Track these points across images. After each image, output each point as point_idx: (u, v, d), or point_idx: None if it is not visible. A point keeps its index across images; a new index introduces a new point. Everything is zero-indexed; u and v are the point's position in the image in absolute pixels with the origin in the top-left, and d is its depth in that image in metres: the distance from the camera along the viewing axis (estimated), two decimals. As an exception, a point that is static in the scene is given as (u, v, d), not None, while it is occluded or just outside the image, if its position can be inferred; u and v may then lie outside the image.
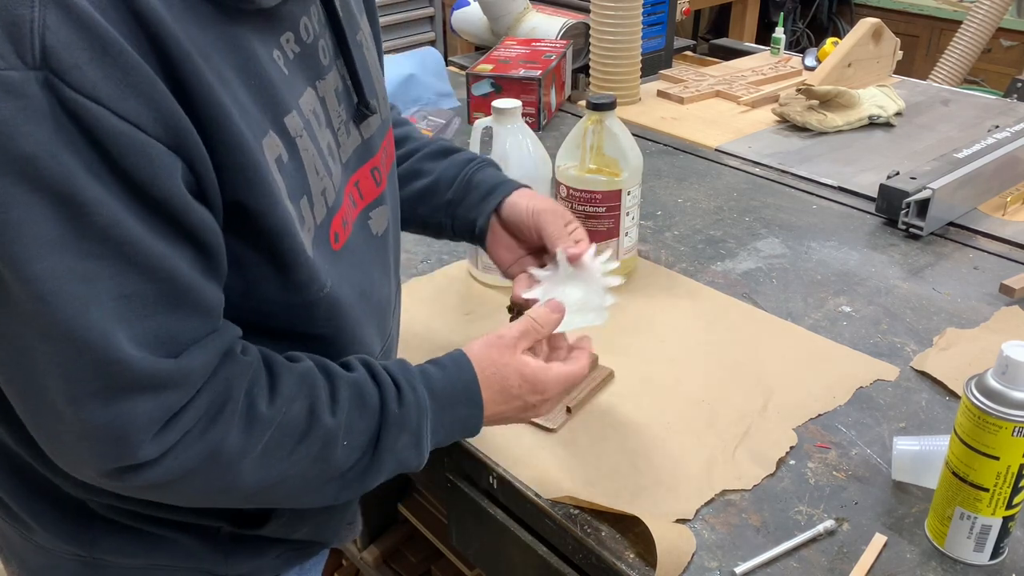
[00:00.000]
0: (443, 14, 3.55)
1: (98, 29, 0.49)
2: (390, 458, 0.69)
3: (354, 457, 0.67)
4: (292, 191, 0.63)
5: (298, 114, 0.64)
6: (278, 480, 0.64)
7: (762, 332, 1.06)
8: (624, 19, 1.70)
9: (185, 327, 0.58)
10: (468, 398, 0.73)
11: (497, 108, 1.08)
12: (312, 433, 0.64)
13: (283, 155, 0.62)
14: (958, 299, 1.12)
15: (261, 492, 0.64)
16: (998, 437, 0.68)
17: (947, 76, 2.50)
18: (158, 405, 0.57)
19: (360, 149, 0.75)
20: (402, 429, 0.69)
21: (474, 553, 0.99)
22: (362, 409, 0.68)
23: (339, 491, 0.69)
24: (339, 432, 0.66)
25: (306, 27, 0.66)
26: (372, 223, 0.78)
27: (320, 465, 0.66)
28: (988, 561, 0.74)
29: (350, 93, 0.72)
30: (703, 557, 0.75)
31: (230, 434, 0.61)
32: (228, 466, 0.61)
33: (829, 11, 3.98)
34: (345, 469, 0.67)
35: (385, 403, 0.69)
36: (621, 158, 1.10)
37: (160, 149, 0.52)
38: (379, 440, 0.68)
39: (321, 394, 0.66)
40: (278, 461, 0.63)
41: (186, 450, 0.59)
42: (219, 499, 0.66)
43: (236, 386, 0.62)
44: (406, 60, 1.82)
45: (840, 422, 0.91)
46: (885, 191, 1.31)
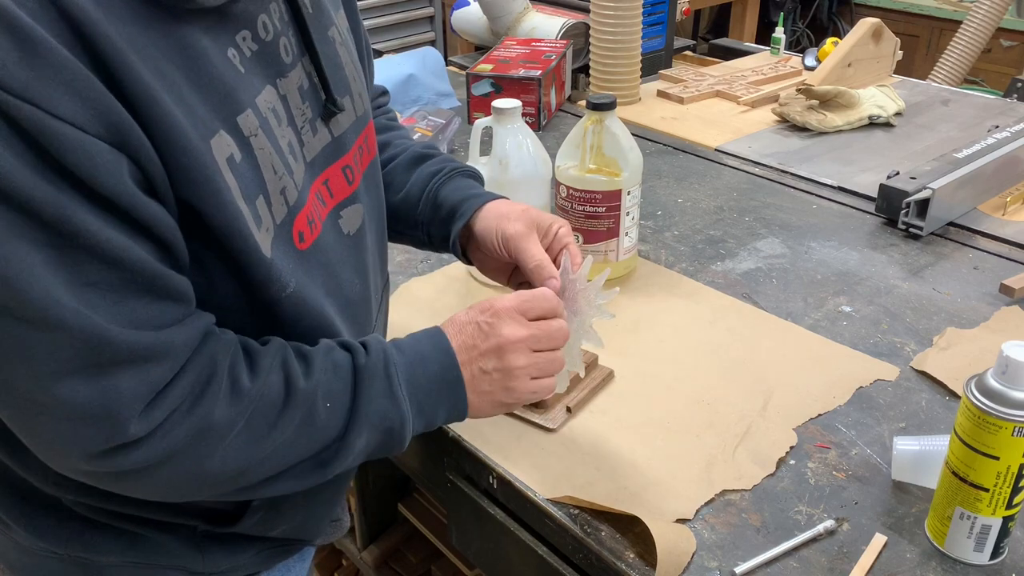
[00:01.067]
0: (443, 14, 3.55)
1: (25, 29, 0.48)
2: (370, 411, 0.68)
3: (337, 418, 0.67)
4: (246, 191, 0.62)
5: (254, 113, 0.63)
6: (264, 455, 0.64)
7: (762, 332, 1.06)
8: (624, 19, 1.70)
9: (159, 310, 0.58)
10: (432, 341, 0.73)
11: (497, 108, 1.08)
12: (292, 400, 0.64)
13: (235, 154, 0.61)
14: (958, 299, 1.12)
15: (248, 471, 0.64)
16: (998, 437, 0.68)
17: (947, 76, 2.50)
18: (142, 380, 0.57)
19: (330, 147, 0.73)
20: (373, 377, 0.69)
21: (474, 553, 0.99)
22: (336, 370, 0.68)
23: (331, 459, 0.68)
24: (317, 394, 0.66)
25: (265, 25, 0.65)
26: (343, 222, 0.76)
27: (307, 432, 0.66)
28: (988, 561, 0.74)
29: (317, 90, 0.71)
30: (703, 557, 0.75)
31: (216, 409, 0.61)
32: (216, 443, 0.61)
33: (829, 11, 3.98)
34: (332, 433, 0.67)
35: (355, 360, 0.69)
36: (621, 158, 1.10)
37: (101, 146, 0.52)
38: (355, 394, 0.68)
39: (294, 363, 0.66)
40: (263, 434, 0.63)
41: (174, 428, 0.59)
42: (203, 483, 0.64)
43: (220, 362, 0.62)
44: (406, 60, 1.82)
45: (840, 422, 0.91)
46: (885, 191, 1.31)
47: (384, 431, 0.70)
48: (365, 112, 0.80)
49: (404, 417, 0.70)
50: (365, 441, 0.69)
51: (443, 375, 0.72)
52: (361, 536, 1.59)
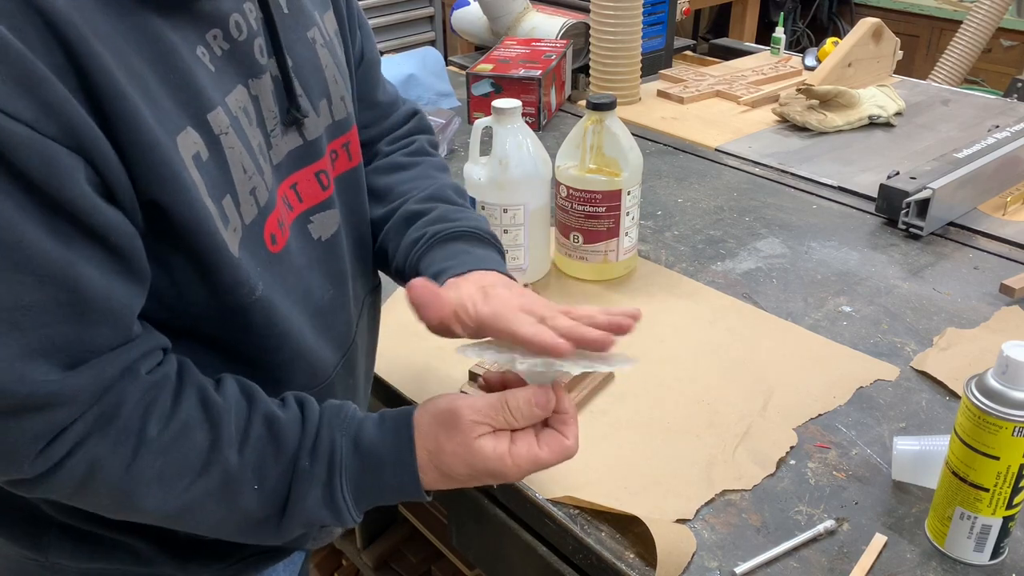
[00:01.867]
0: (443, 14, 3.55)
1: None
2: (300, 513, 0.65)
3: (268, 505, 0.64)
4: (213, 189, 0.60)
5: (224, 111, 0.61)
6: (183, 510, 0.62)
7: (762, 332, 1.06)
8: (624, 19, 1.70)
9: (90, 336, 0.56)
10: (399, 466, 0.66)
11: (497, 108, 1.08)
12: (212, 468, 0.61)
13: (202, 152, 0.59)
14: (958, 299, 1.12)
15: (171, 519, 0.63)
16: (998, 437, 0.68)
17: (947, 76, 2.50)
18: (44, 422, 0.55)
19: (299, 151, 0.71)
20: (311, 483, 0.64)
21: (474, 553, 0.99)
22: (276, 455, 0.64)
23: (256, 534, 0.66)
24: (246, 473, 0.62)
25: (237, 24, 0.63)
26: (313, 227, 0.73)
27: (226, 505, 0.63)
28: (988, 561, 0.74)
29: (282, 94, 0.69)
30: (703, 557, 0.75)
31: (113, 454, 0.58)
32: (114, 485, 0.59)
33: (829, 11, 3.98)
34: (259, 516, 0.64)
35: (299, 453, 0.64)
36: (621, 158, 1.10)
37: (57, 149, 0.50)
38: (289, 494, 0.64)
39: (228, 428, 0.62)
40: (178, 491, 0.61)
41: (72, 464, 0.57)
42: (131, 517, 0.63)
43: (127, 404, 0.59)
44: (406, 60, 1.82)
45: (840, 422, 0.91)
46: (885, 191, 1.31)
47: (321, 529, 0.69)
48: (347, 117, 0.78)
49: (344, 520, 0.67)
50: (302, 530, 0.67)
51: (399, 490, 0.67)
52: (361, 536, 1.59)
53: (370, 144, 0.91)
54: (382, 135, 0.93)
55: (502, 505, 0.88)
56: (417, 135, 0.95)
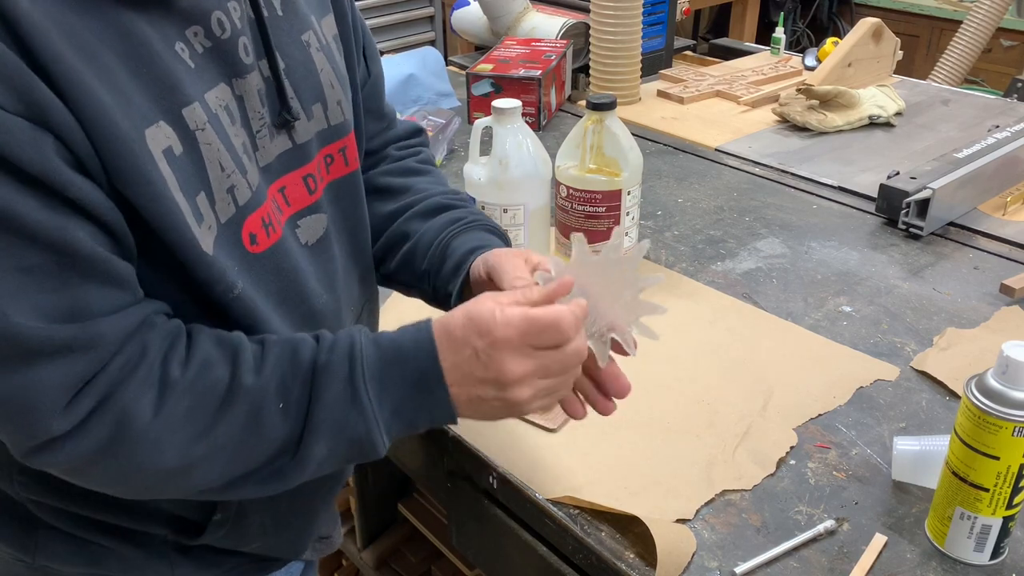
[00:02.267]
0: (443, 14, 3.55)
1: None
2: (329, 418, 0.62)
3: (291, 423, 0.62)
4: (186, 185, 0.60)
5: (202, 107, 0.61)
6: (210, 452, 0.60)
7: (762, 332, 1.06)
8: (624, 19, 1.70)
9: (98, 297, 0.56)
10: (416, 339, 0.64)
11: (497, 108, 1.08)
12: (234, 396, 0.60)
13: (175, 147, 0.59)
14: (958, 299, 1.12)
15: (194, 468, 0.60)
16: (998, 437, 0.68)
17: (947, 76, 2.50)
18: (67, 371, 0.55)
19: (289, 154, 0.71)
20: (333, 379, 0.62)
21: (474, 553, 0.99)
22: (295, 367, 0.63)
23: (287, 467, 0.63)
24: (267, 393, 0.61)
25: (220, 22, 0.63)
26: (300, 232, 0.73)
27: (255, 433, 0.61)
28: (988, 561, 0.74)
29: (274, 96, 0.69)
30: (703, 557, 0.75)
31: (143, 400, 0.58)
32: (146, 436, 0.58)
33: (829, 11, 3.98)
34: (285, 438, 0.62)
35: (317, 357, 0.63)
36: (621, 158, 1.10)
37: (20, 123, 0.50)
38: (311, 398, 0.62)
39: (246, 356, 0.62)
40: (204, 430, 0.60)
41: (100, 419, 0.57)
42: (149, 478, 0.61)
43: (152, 349, 0.59)
44: (406, 60, 1.82)
45: (840, 422, 0.91)
46: (885, 191, 1.31)
47: (348, 441, 0.63)
48: (344, 122, 0.77)
49: (371, 426, 0.63)
50: (327, 450, 0.63)
51: (424, 382, 0.64)
52: (361, 536, 1.59)
53: (378, 149, 0.93)
54: (389, 142, 0.94)
55: (502, 505, 0.88)
56: (423, 148, 0.97)
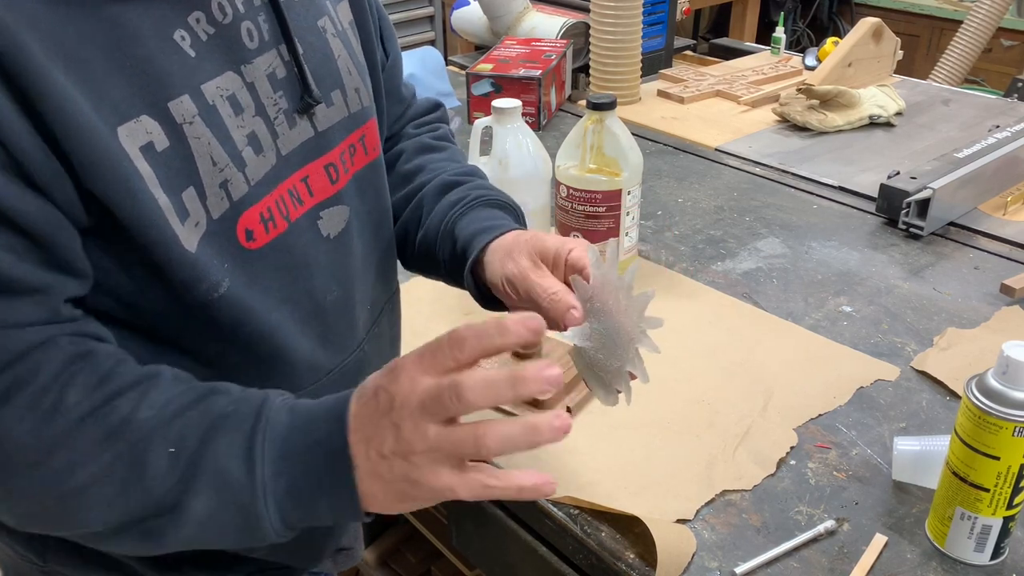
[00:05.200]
0: (443, 14, 3.55)
1: None
2: (210, 466, 0.54)
3: (176, 470, 0.54)
4: (170, 181, 0.57)
5: (192, 99, 0.59)
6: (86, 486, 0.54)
7: (762, 332, 1.06)
8: (624, 19, 1.70)
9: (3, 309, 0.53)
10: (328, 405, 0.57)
11: (497, 108, 1.08)
12: (124, 429, 0.54)
13: (158, 142, 0.57)
14: (958, 299, 1.12)
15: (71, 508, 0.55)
16: (998, 437, 0.68)
17: (947, 76, 2.50)
18: None
19: (311, 143, 0.69)
20: (230, 429, 0.56)
21: (474, 553, 0.99)
22: (202, 414, 0.56)
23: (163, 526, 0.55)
24: (159, 432, 0.55)
25: (221, 7, 0.61)
26: (323, 223, 0.70)
27: (136, 473, 0.54)
28: (988, 561, 0.74)
29: (295, 81, 0.67)
30: (703, 557, 0.75)
31: (22, 421, 0.53)
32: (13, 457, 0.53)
33: (829, 11, 3.98)
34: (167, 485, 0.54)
35: (224, 406, 0.57)
36: (621, 158, 1.10)
37: None
38: (202, 442, 0.55)
39: (156, 392, 0.57)
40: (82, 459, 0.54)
41: None
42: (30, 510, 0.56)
43: (46, 371, 0.54)
44: (406, 60, 1.81)
45: (840, 422, 0.91)
46: (885, 191, 1.30)
47: (233, 505, 0.55)
48: (363, 110, 0.76)
49: (256, 489, 0.54)
50: (206, 509, 0.55)
51: (327, 449, 0.55)
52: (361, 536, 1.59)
53: (397, 131, 0.92)
54: (407, 122, 0.94)
55: (502, 505, 0.88)
56: (441, 124, 0.96)
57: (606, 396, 0.70)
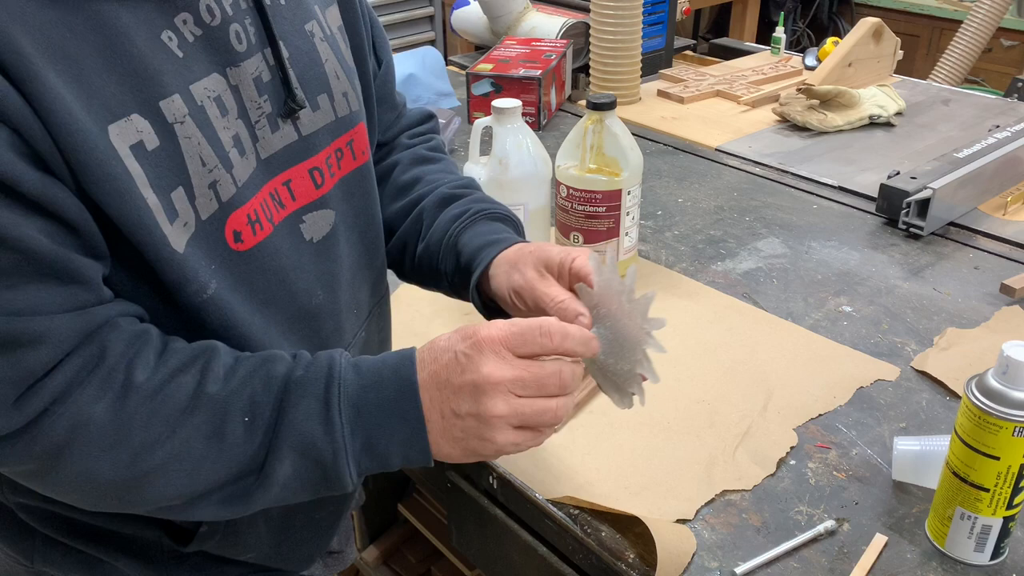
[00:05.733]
0: (443, 14, 3.55)
1: None
2: (295, 433, 0.58)
3: (255, 437, 0.58)
4: (159, 180, 0.57)
5: (183, 99, 0.59)
6: (167, 461, 0.57)
7: (762, 332, 1.06)
8: (624, 18, 1.70)
9: (53, 295, 0.54)
10: (396, 365, 0.61)
11: (497, 108, 1.08)
12: (200, 404, 0.57)
13: (148, 141, 0.57)
14: (958, 299, 1.12)
15: (151, 478, 0.57)
16: (998, 437, 0.68)
17: (947, 76, 2.50)
18: (13, 367, 0.52)
19: (295, 147, 0.69)
20: (304, 394, 0.59)
21: (474, 553, 0.99)
22: (267, 382, 0.60)
23: (250, 487, 0.60)
24: (231, 404, 0.58)
25: (209, 9, 0.61)
26: (305, 228, 0.71)
27: (216, 446, 0.57)
28: (988, 561, 0.74)
29: (279, 85, 0.67)
30: (703, 557, 0.75)
31: (99, 402, 0.55)
32: (103, 439, 0.55)
33: (829, 11, 3.98)
34: (249, 453, 0.58)
35: (291, 370, 0.60)
36: (621, 158, 1.10)
37: None
38: (279, 411, 0.59)
39: (215, 365, 0.59)
40: (164, 438, 0.56)
41: (53, 421, 0.54)
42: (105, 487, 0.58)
43: (112, 351, 0.56)
44: (406, 60, 1.82)
45: (840, 422, 0.91)
46: (885, 191, 1.30)
47: (315, 463, 0.60)
48: (351, 114, 0.76)
49: (337, 448, 0.59)
50: (291, 470, 0.59)
51: (399, 407, 0.60)
52: (361, 536, 1.59)
53: (390, 140, 0.92)
54: (401, 131, 0.94)
55: (502, 505, 0.88)
56: (434, 135, 0.96)
57: (621, 400, 0.71)
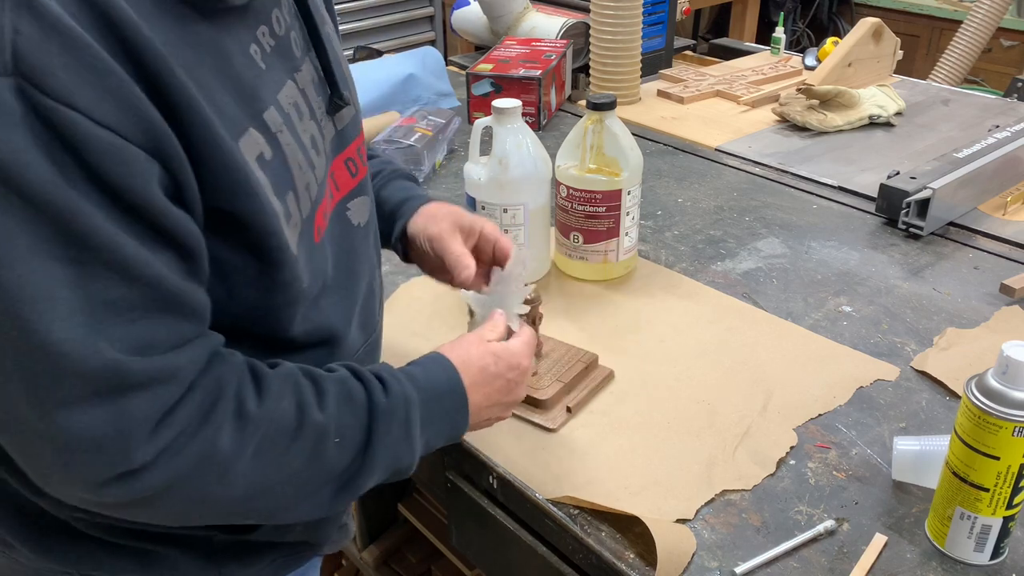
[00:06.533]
0: (443, 14, 3.55)
1: (71, 33, 0.48)
2: (383, 452, 0.67)
3: (347, 455, 0.65)
4: (277, 187, 0.62)
5: (277, 109, 0.63)
6: (273, 484, 0.62)
7: (762, 332, 1.06)
8: (624, 19, 1.70)
9: (171, 331, 0.56)
10: (450, 387, 0.73)
11: (497, 108, 1.08)
12: (303, 430, 0.63)
13: (265, 152, 0.60)
14: (958, 299, 1.12)
15: (255, 499, 0.62)
16: (998, 437, 0.68)
17: (947, 76, 2.50)
18: (151, 401, 0.55)
19: (335, 140, 0.74)
20: (392, 419, 0.68)
21: (474, 553, 0.99)
22: (351, 404, 0.66)
23: (335, 495, 0.67)
24: (330, 428, 0.64)
25: (278, 19, 0.65)
26: (351, 214, 0.77)
27: (314, 466, 0.64)
28: (988, 561, 0.74)
29: (324, 85, 0.72)
30: (703, 557, 0.75)
31: (222, 433, 0.59)
32: (221, 468, 0.59)
33: (829, 11, 3.98)
34: (340, 469, 0.65)
35: (372, 396, 0.67)
36: (621, 158, 1.10)
37: (137, 153, 0.51)
38: (371, 433, 0.66)
39: (307, 391, 0.64)
40: (271, 463, 0.61)
41: (180, 451, 0.57)
42: (212, 509, 0.62)
43: (227, 384, 0.60)
44: (406, 60, 1.82)
45: (840, 422, 0.91)
46: (885, 191, 1.31)
47: (393, 471, 0.70)
48: (359, 106, 0.81)
49: (415, 458, 0.71)
50: (376, 479, 0.69)
51: (454, 413, 0.73)
52: (361, 536, 1.59)
53: None
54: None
55: (502, 505, 0.88)
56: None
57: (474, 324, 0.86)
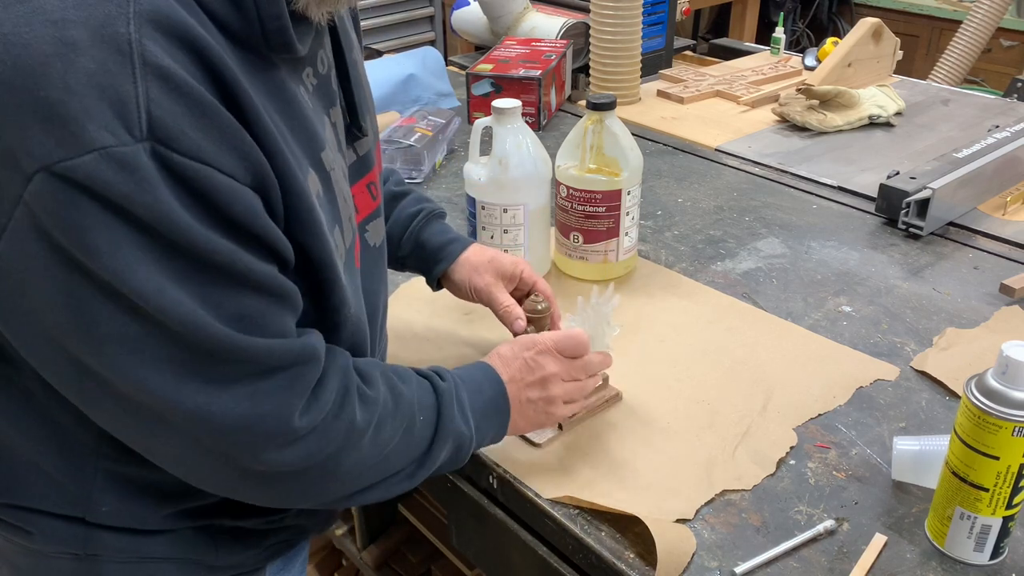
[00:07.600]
0: (443, 14, 3.55)
1: (195, 95, 0.52)
2: (451, 428, 0.75)
3: (428, 431, 0.73)
4: (330, 222, 0.66)
5: (329, 148, 0.67)
6: (380, 460, 0.69)
7: (762, 332, 1.06)
8: (624, 19, 1.70)
9: (295, 323, 0.64)
10: (484, 373, 0.81)
11: (497, 108, 1.08)
12: (399, 409, 0.71)
13: (320, 190, 0.65)
14: (958, 299, 1.12)
15: (365, 476, 0.69)
16: (998, 437, 0.68)
17: (947, 76, 2.50)
18: (299, 379, 0.62)
19: (356, 166, 0.78)
20: (452, 399, 0.76)
21: (474, 553, 0.99)
22: (421, 387, 0.74)
23: (416, 469, 0.73)
24: (415, 406, 0.72)
25: (322, 60, 0.69)
26: (368, 235, 0.81)
27: (407, 440, 0.71)
28: (988, 561, 0.74)
29: (345, 114, 0.75)
30: (703, 557, 0.75)
31: (358, 412, 0.67)
32: (358, 444, 0.67)
33: (829, 11, 3.98)
34: (425, 444, 0.73)
35: (432, 380, 0.76)
36: (621, 158, 1.10)
37: (250, 194, 0.57)
38: (440, 409, 0.74)
39: (392, 376, 0.73)
40: (383, 439, 0.69)
41: (329, 428, 0.65)
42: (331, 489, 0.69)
43: (348, 366, 0.68)
44: (406, 60, 1.82)
45: (840, 422, 0.91)
46: (885, 191, 1.31)
47: (456, 448, 0.76)
48: (376, 129, 0.84)
49: (472, 437, 0.77)
50: (445, 455, 0.75)
51: (495, 403, 0.80)
52: (361, 536, 1.59)
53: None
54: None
55: (502, 505, 0.88)
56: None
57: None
